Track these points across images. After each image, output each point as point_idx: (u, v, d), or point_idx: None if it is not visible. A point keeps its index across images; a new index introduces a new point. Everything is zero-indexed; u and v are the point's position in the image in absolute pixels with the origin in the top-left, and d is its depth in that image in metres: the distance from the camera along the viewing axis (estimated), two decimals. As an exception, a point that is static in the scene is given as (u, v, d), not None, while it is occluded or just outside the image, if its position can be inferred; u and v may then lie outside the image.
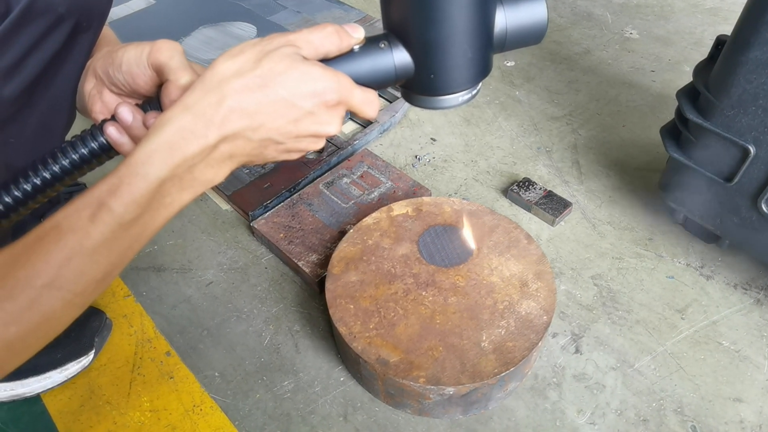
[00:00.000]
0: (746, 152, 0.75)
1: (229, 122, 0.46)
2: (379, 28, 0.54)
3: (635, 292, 0.89)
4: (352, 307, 0.76)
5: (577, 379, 0.79)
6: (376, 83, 0.52)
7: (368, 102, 0.51)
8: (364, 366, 0.71)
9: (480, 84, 0.56)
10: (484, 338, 0.72)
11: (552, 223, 0.98)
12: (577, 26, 1.52)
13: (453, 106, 0.55)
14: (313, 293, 0.90)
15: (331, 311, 0.75)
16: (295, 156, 0.53)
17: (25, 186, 0.50)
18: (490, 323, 0.73)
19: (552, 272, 0.79)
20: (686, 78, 1.33)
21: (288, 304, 0.89)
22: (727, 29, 0.76)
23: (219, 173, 0.49)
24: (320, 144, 0.52)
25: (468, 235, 0.84)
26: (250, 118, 0.46)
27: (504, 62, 1.40)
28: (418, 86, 0.54)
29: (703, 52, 1.40)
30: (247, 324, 0.87)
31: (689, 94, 0.83)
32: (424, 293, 0.77)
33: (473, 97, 0.56)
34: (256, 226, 0.95)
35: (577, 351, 0.82)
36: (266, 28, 1.44)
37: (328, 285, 0.78)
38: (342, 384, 0.79)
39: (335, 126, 0.50)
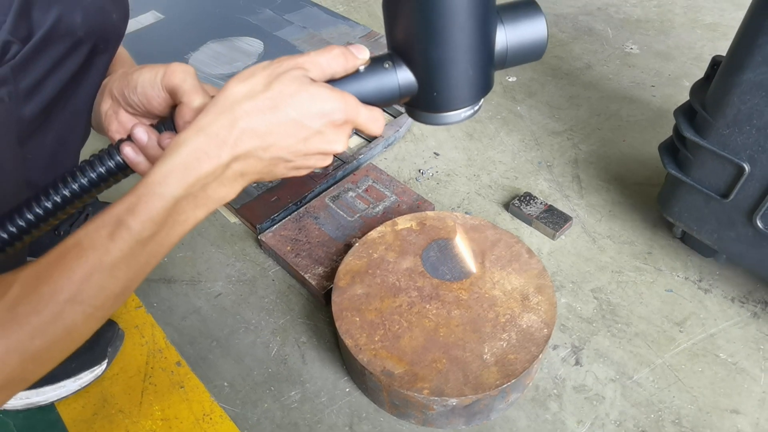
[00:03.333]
0: (741, 170, 0.78)
1: (241, 143, 0.48)
2: (383, 43, 0.57)
3: (634, 305, 0.91)
4: (357, 319, 0.78)
5: (577, 391, 0.81)
6: (381, 102, 0.55)
7: (374, 120, 0.53)
8: (370, 377, 0.73)
9: (482, 100, 0.59)
10: (486, 351, 0.74)
11: (553, 237, 1.00)
12: (578, 41, 1.55)
13: (455, 122, 0.58)
14: (319, 305, 0.92)
15: (337, 324, 0.77)
16: (303, 172, 0.55)
17: (46, 203, 0.52)
18: (492, 336, 0.75)
19: (552, 286, 0.81)
20: (686, 93, 1.34)
21: (295, 316, 0.92)
22: (727, 45, 0.79)
23: (231, 191, 0.51)
24: (328, 161, 0.54)
25: (467, 254, 0.86)
26: (261, 138, 0.49)
27: (506, 77, 1.42)
28: (421, 103, 0.56)
29: (702, 67, 1.42)
30: (255, 335, 0.90)
31: (687, 113, 0.86)
32: (428, 306, 0.79)
33: (475, 113, 0.58)
34: (263, 239, 0.98)
35: (577, 363, 0.84)
36: (273, 43, 1.48)
37: (335, 298, 0.80)
38: (348, 395, 0.81)
39: (342, 144, 0.52)
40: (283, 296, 0.95)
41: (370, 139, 1.21)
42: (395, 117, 1.26)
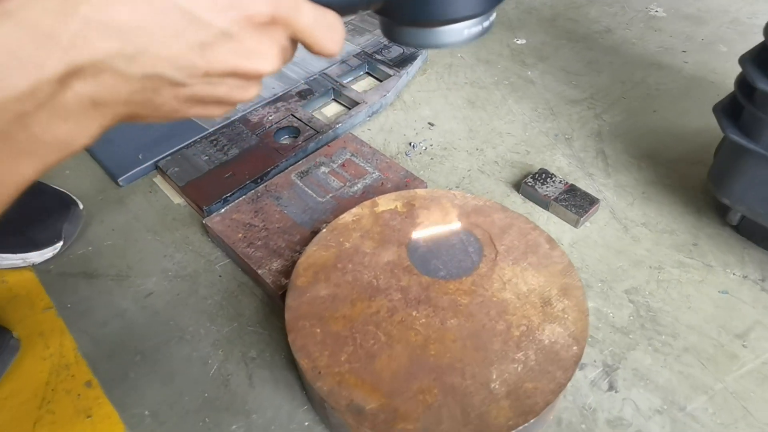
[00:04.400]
0: (842, 132, 0.57)
1: (86, 43, 0.28)
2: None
3: (681, 311, 0.71)
4: (318, 331, 0.57)
5: (612, 426, 0.61)
6: (338, 2, 0.34)
7: (326, 26, 0.33)
8: (332, 413, 0.53)
9: (494, 14, 0.38)
10: (494, 377, 0.53)
11: (575, 224, 0.80)
12: (594, 4, 1.35)
13: (455, 44, 0.37)
14: (275, 309, 0.72)
15: (290, 337, 0.57)
16: (214, 111, 0.35)
17: None
18: (503, 356, 0.55)
19: (582, 287, 0.61)
20: (724, 59, 1.15)
21: (244, 323, 0.71)
22: (765, 8, 0.59)
23: (80, 129, 0.30)
24: (251, 91, 0.34)
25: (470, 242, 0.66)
26: (122, 38, 0.28)
27: (514, 40, 1.22)
28: (402, 12, 0.36)
29: (741, 32, 1.23)
30: (192, 347, 0.69)
31: (758, 59, 0.65)
32: (415, 313, 0.59)
33: (485, 31, 0.38)
34: (209, 224, 0.77)
35: (611, 388, 0.64)
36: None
37: (290, 301, 0.60)
38: (307, 430, 0.61)
39: (270, 59, 0.32)
40: (231, 297, 0.74)
41: (350, 105, 1.00)
42: (381, 80, 1.05)
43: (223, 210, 0.79)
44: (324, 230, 0.68)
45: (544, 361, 0.54)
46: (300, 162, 0.87)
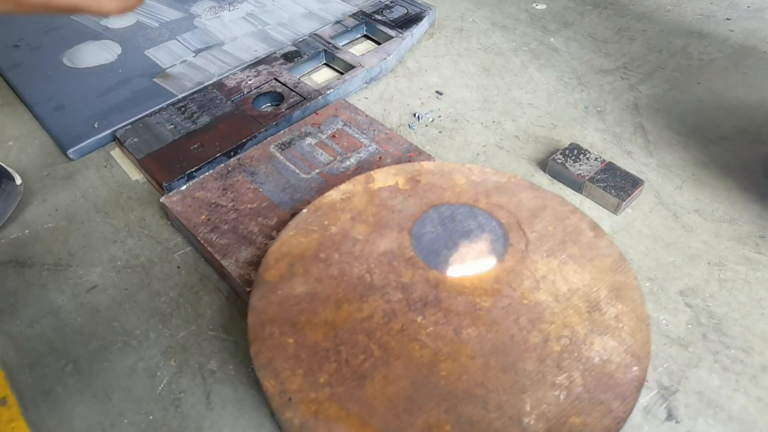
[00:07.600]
0: None
1: None
2: None
3: (752, 317, 0.57)
4: (291, 341, 0.43)
5: (674, 468, 0.47)
6: None
7: None
8: (305, 456, 0.39)
9: None
10: (528, 408, 0.39)
11: (615, 210, 0.66)
12: (622, -32, 1.20)
13: None
14: (243, 309, 0.58)
15: (253, 349, 0.42)
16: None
17: None
18: (539, 379, 0.41)
19: (639, 286, 0.47)
20: (775, 27, 1.01)
21: (204, 326, 0.57)
22: None
23: None
24: None
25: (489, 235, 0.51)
26: None
27: (533, 5, 1.07)
28: None
29: (792, -2, 1.08)
30: (138, 355, 0.55)
31: None
32: (420, 319, 0.44)
33: None
34: (166, 203, 0.63)
35: (670, 416, 0.50)
36: None
37: (255, 301, 0.46)
38: (276, 469, 0.47)
39: None
40: (190, 293, 0.60)
41: (343, 70, 0.86)
42: (380, 43, 0.91)
43: (184, 187, 0.65)
44: (305, 211, 0.54)
45: (595, 387, 0.40)
46: (282, 132, 0.72)
